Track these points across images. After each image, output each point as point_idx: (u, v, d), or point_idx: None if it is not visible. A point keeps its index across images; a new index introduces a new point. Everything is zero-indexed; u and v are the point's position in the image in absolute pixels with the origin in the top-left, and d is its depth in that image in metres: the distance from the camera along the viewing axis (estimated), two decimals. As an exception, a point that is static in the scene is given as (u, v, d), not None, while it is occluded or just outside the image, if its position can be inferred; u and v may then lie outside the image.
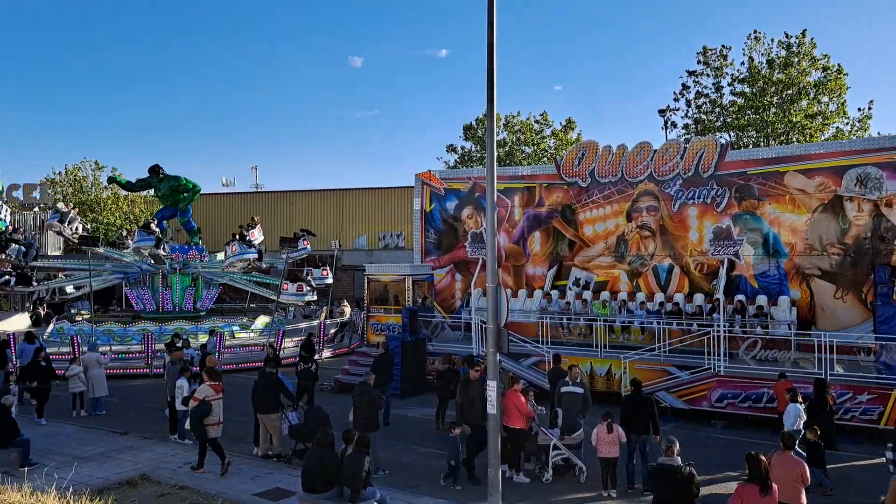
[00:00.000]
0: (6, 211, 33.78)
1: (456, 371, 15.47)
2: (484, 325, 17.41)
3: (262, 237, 29.92)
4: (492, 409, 9.88)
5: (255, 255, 26.00)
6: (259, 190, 50.46)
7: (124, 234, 28.49)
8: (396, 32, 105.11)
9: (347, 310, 30.23)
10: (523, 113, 41.01)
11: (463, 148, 40.93)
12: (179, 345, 17.54)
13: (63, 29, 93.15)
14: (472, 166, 37.40)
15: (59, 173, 44.39)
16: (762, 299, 18.72)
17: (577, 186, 21.89)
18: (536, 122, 40.32)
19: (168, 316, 25.80)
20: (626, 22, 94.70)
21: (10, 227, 28.12)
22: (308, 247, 28.37)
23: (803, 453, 10.75)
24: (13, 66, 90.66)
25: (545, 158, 37.23)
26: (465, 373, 13.34)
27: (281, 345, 23.31)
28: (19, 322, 25.44)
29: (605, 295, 20.78)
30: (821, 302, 18.19)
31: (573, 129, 39.95)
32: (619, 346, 17.96)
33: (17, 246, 24.15)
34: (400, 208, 41.27)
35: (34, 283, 25.74)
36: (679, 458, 8.08)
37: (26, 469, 11.07)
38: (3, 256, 24.18)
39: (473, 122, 40.45)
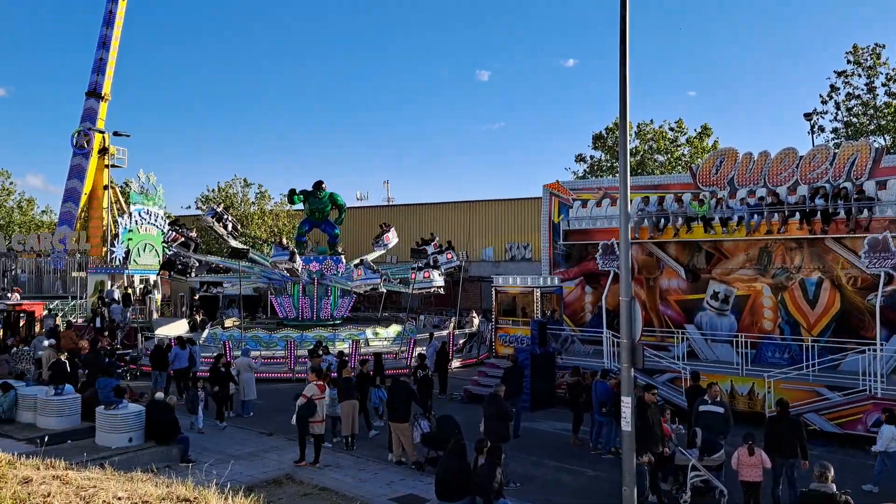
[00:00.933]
0: (165, 221, 37.01)
1: (586, 385, 15.28)
2: (616, 339, 17.15)
3: (396, 240, 31.14)
4: (626, 426, 9.70)
5: (379, 281, 27.14)
6: (390, 203, 52.23)
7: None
8: (523, 44, 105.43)
9: (476, 321, 30.57)
10: (656, 120, 39.89)
11: (592, 157, 40.38)
12: (321, 352, 18.49)
13: (210, 54, 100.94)
14: (601, 176, 36.80)
15: (213, 190, 48.09)
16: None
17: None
18: (671, 129, 39.07)
19: (308, 324, 27.22)
20: (764, 23, 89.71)
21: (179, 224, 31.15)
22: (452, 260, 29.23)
23: None
24: (171, 93, 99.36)
25: (679, 167, 35.97)
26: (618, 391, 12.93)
27: (412, 353, 23.98)
28: (179, 328, 27.72)
29: (703, 194, 20.37)
30: None
31: (709, 136, 38.34)
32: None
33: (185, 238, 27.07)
34: (527, 219, 41.27)
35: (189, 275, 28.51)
36: (833, 485, 7.58)
37: (190, 465, 12.08)
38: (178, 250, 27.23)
39: (603, 131, 39.81)
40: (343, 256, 30.44)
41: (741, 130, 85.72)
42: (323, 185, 29.94)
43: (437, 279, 27.59)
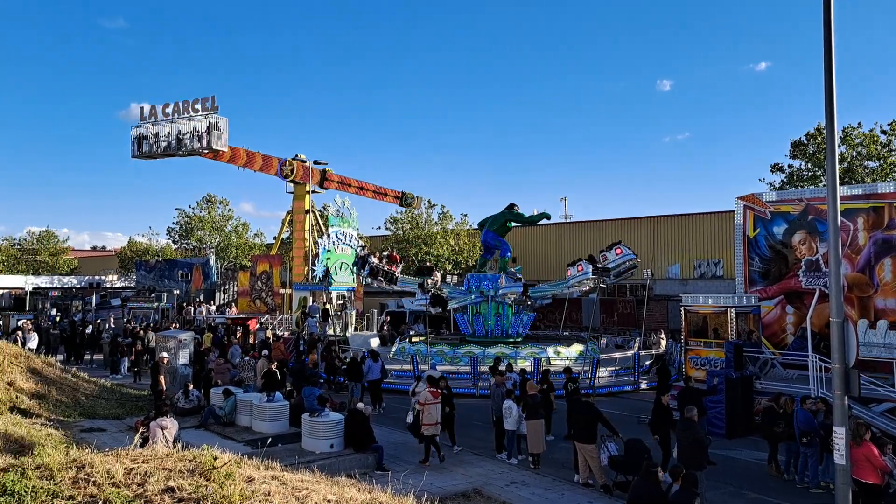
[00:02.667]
0: (360, 245, 39.60)
1: (787, 412, 14.16)
2: (824, 364, 15.71)
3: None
4: (840, 459, 8.88)
5: (520, 288, 27.00)
6: (568, 220, 51.81)
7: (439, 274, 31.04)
8: (709, 51, 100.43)
9: (664, 342, 29.37)
10: (865, 123, 36.13)
11: (790, 167, 37.39)
12: (503, 368, 18.76)
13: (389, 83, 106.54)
14: (801, 186, 33.95)
15: (400, 212, 50.66)
16: None
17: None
18: (883, 132, 35.17)
19: (490, 340, 27.71)
20: None
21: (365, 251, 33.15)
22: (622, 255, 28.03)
23: None
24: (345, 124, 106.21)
25: (895, 174, 32.26)
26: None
27: (595, 374, 23.55)
28: (372, 343, 29.45)
29: None
30: None
31: (934, 137, 34.01)
32: None
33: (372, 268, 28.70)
34: (717, 234, 39.12)
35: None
36: None
37: (388, 473, 12.77)
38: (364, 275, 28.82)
39: (803, 138, 36.76)
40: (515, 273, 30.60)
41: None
42: (515, 207, 30.63)
43: (590, 271, 26.56)
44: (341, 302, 36.65)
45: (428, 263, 28.93)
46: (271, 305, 42.18)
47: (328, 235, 37.88)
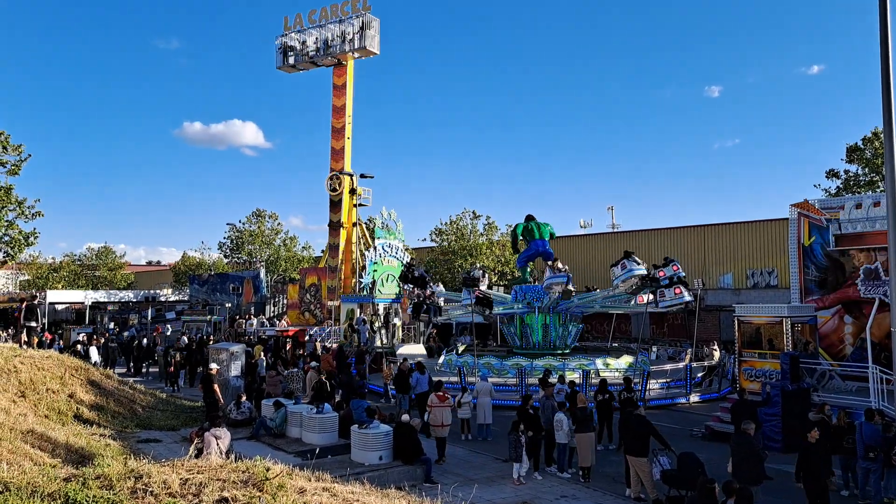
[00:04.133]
0: (407, 257, 39.91)
1: (841, 426, 13.71)
2: (885, 376, 15.16)
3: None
4: (904, 476, 8.53)
5: (644, 271, 26.36)
6: (616, 230, 51.20)
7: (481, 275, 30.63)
8: (758, 55, 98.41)
9: (717, 353, 28.74)
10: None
11: (847, 172, 36.27)
12: (554, 380, 18.64)
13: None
14: (859, 192, 32.90)
15: (445, 223, 50.84)
16: None
17: None
18: (945, 133, 33.88)
19: (538, 352, 27.53)
20: None
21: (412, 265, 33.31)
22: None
23: None
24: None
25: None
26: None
27: (646, 386, 23.14)
28: (418, 354, 29.58)
29: None
30: None
31: None
32: None
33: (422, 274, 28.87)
34: (770, 243, 38.16)
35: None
36: None
37: (437, 486, 12.78)
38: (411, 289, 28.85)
39: (859, 142, 35.64)
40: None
41: None
42: (532, 217, 30.48)
43: (687, 296, 26.11)
44: (385, 313, 36.92)
45: (473, 273, 28.72)
46: (320, 317, 42.76)
47: (374, 248, 38.25)
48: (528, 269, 31.63)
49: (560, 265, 27.39)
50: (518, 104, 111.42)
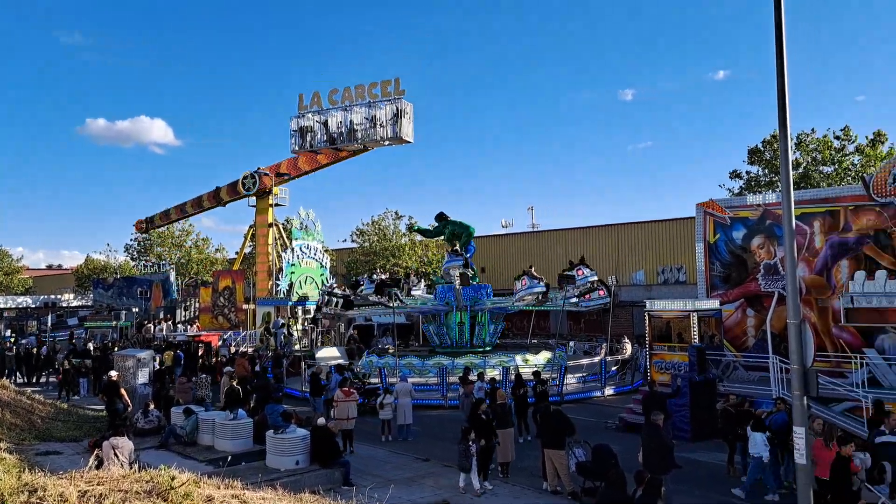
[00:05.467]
0: (326, 258, 39.38)
1: (748, 412, 14.38)
2: (784, 365, 15.98)
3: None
4: (801, 459, 8.98)
5: (544, 289, 26.97)
6: (535, 229, 52.15)
7: (407, 276, 30.84)
8: (668, 60, 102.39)
9: (629, 347, 29.62)
10: (819, 129, 37.09)
11: (748, 173, 38.18)
12: (473, 377, 18.73)
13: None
14: (759, 192, 34.63)
15: (367, 224, 50.42)
16: None
17: (893, 207, 19.11)
18: (836, 137, 36.14)
19: (460, 350, 27.64)
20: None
21: (331, 283, 32.92)
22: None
23: None
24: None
25: (849, 178, 33.13)
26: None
27: (563, 380, 23.63)
28: (338, 354, 29.12)
29: None
30: None
31: (883, 143, 34.99)
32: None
33: (336, 299, 28.26)
34: (679, 240, 39.69)
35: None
36: None
37: (353, 488, 12.59)
38: (327, 309, 28.40)
39: (759, 145, 37.58)
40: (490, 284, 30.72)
41: (921, 133, 77.47)
42: (445, 216, 30.53)
43: (604, 297, 27.06)
44: (305, 317, 36.26)
45: (397, 275, 28.73)
46: (234, 321, 41.58)
47: (292, 249, 37.48)
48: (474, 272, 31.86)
49: (458, 247, 27.86)
50: (441, 104, 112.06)
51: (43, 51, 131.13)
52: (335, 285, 30.79)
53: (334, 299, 27.89)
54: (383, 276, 28.17)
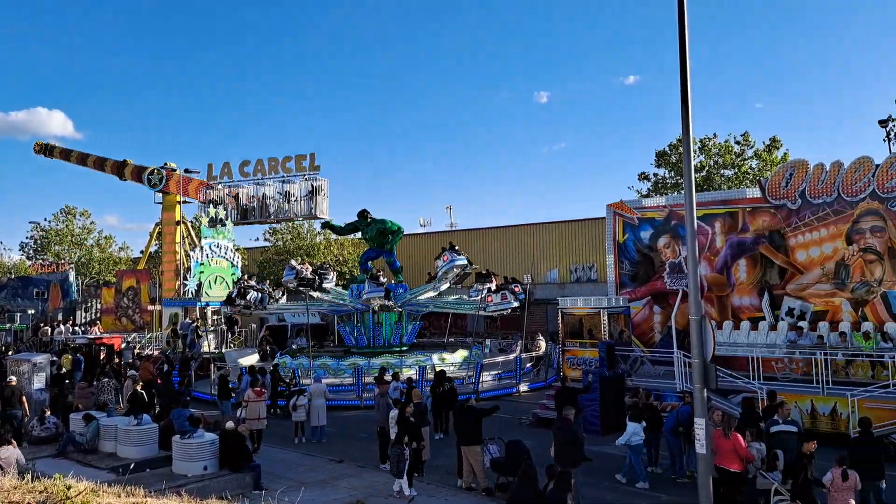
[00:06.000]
0: (238, 257, 38.26)
1: (651, 406, 14.92)
2: (687, 360, 16.65)
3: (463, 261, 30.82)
4: (701, 449, 9.38)
5: (465, 262, 27.16)
6: (453, 228, 52.45)
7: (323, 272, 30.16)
8: (582, 64, 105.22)
9: (543, 344, 30.22)
10: (721, 134, 38.94)
11: (656, 175, 39.66)
12: (388, 377, 18.63)
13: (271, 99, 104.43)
14: (666, 194, 36.06)
15: (280, 222, 49.25)
16: None
17: (786, 209, 20.30)
18: (736, 142, 38.07)
19: (376, 350, 27.46)
20: (832, 31, 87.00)
21: (245, 276, 32.06)
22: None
23: None
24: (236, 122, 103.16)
25: (747, 181, 34.95)
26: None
27: (479, 378, 23.87)
28: (251, 358, 28.43)
29: (866, 326, 18.77)
30: None
31: (778, 148, 37.11)
32: (845, 382, 16.24)
33: (256, 293, 27.45)
34: (591, 240, 40.74)
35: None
36: None
37: (263, 492, 12.27)
38: (242, 302, 27.52)
39: (666, 148, 39.08)
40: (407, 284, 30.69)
41: (812, 141, 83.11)
42: (367, 214, 29.99)
43: (514, 302, 27.50)
44: (216, 318, 35.15)
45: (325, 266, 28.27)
46: (139, 323, 39.85)
47: (201, 247, 36.23)
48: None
49: (381, 278, 27.67)
50: (359, 103, 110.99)
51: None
52: (246, 279, 29.95)
53: (253, 294, 27.21)
54: (306, 268, 27.63)
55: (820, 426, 16.03)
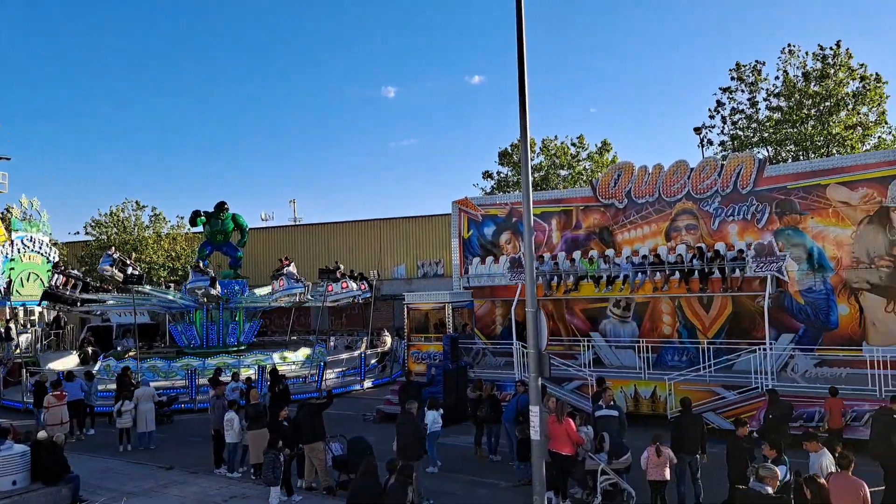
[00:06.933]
0: (54, 252, 34.91)
1: (492, 397, 15.38)
2: (526, 350, 17.34)
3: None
4: (535, 435, 9.75)
5: (303, 289, 26.62)
6: (297, 223, 51.24)
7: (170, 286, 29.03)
8: (428, 61, 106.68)
9: (388, 340, 30.29)
10: (559, 136, 41.01)
11: (499, 173, 41.02)
12: (226, 378, 17.80)
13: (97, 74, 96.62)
14: (508, 191, 37.40)
15: (104, 215, 45.63)
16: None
17: (614, 208, 21.71)
18: (573, 144, 40.26)
19: (211, 350, 26.17)
20: (658, 43, 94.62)
21: (62, 265, 29.55)
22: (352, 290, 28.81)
23: None
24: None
25: (581, 181, 37.09)
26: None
27: (323, 376, 23.46)
28: (69, 362, 26.08)
29: (592, 253, 20.98)
30: (872, 316, 17.60)
31: (609, 151, 39.74)
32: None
33: (73, 280, 25.57)
34: (438, 236, 41.41)
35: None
36: (770, 487, 7.69)
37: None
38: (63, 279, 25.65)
39: (509, 148, 40.53)
40: (247, 280, 29.62)
41: (639, 144, 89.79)
42: (225, 207, 29.16)
43: (355, 289, 27.38)
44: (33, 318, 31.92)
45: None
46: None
47: (11, 242, 32.67)
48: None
49: (202, 267, 26.68)
50: (201, 94, 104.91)
51: None
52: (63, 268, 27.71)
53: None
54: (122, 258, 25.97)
55: (642, 409, 17.34)
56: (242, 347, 27.32)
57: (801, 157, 29.87)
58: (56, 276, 27.01)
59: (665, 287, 18.98)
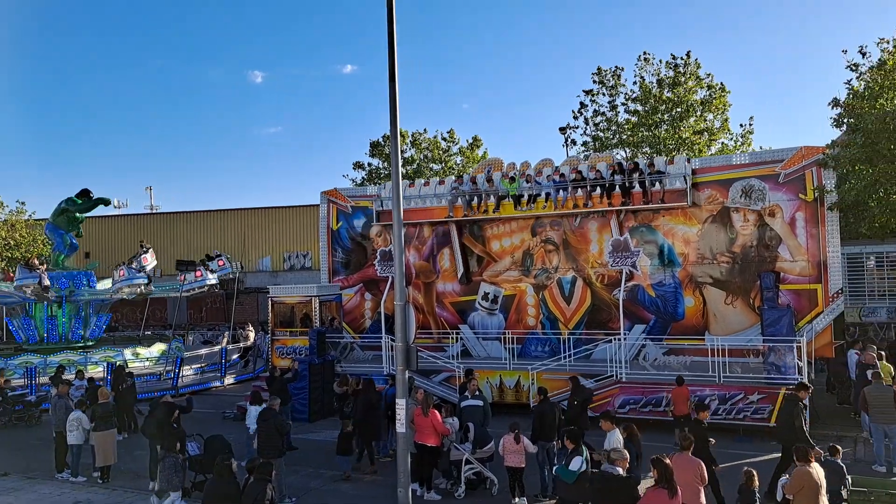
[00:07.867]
0: None
1: (352, 393, 15.20)
2: (393, 344, 17.30)
3: (155, 262, 28.66)
4: (401, 427, 9.72)
5: (146, 281, 25.12)
6: (154, 211, 48.44)
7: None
8: (297, 47, 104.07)
9: (251, 334, 29.26)
10: (431, 130, 41.27)
11: (370, 165, 40.72)
12: (70, 376, 16.48)
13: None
14: (379, 183, 37.20)
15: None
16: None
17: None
18: (444, 139, 40.67)
19: (54, 346, 24.17)
20: (529, 42, 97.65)
21: None
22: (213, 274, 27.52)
23: None
24: None
25: (453, 175, 37.54)
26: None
27: (179, 373, 22.29)
28: None
29: (512, 173, 21.14)
30: (713, 308, 19.06)
31: (479, 147, 40.51)
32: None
33: None
34: (306, 228, 40.56)
35: None
36: (620, 468, 8.07)
37: None
38: None
39: (380, 139, 40.32)
40: (97, 265, 27.62)
41: (509, 141, 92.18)
42: (89, 194, 27.29)
43: (211, 278, 26.18)
44: None
45: None
46: None
47: None
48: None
49: (37, 264, 24.76)
50: (55, 75, 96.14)
51: None
52: None
53: None
54: None
55: (507, 398, 17.83)
56: (90, 343, 25.43)
57: (655, 160, 31.76)
58: None
59: (588, 203, 19.48)
